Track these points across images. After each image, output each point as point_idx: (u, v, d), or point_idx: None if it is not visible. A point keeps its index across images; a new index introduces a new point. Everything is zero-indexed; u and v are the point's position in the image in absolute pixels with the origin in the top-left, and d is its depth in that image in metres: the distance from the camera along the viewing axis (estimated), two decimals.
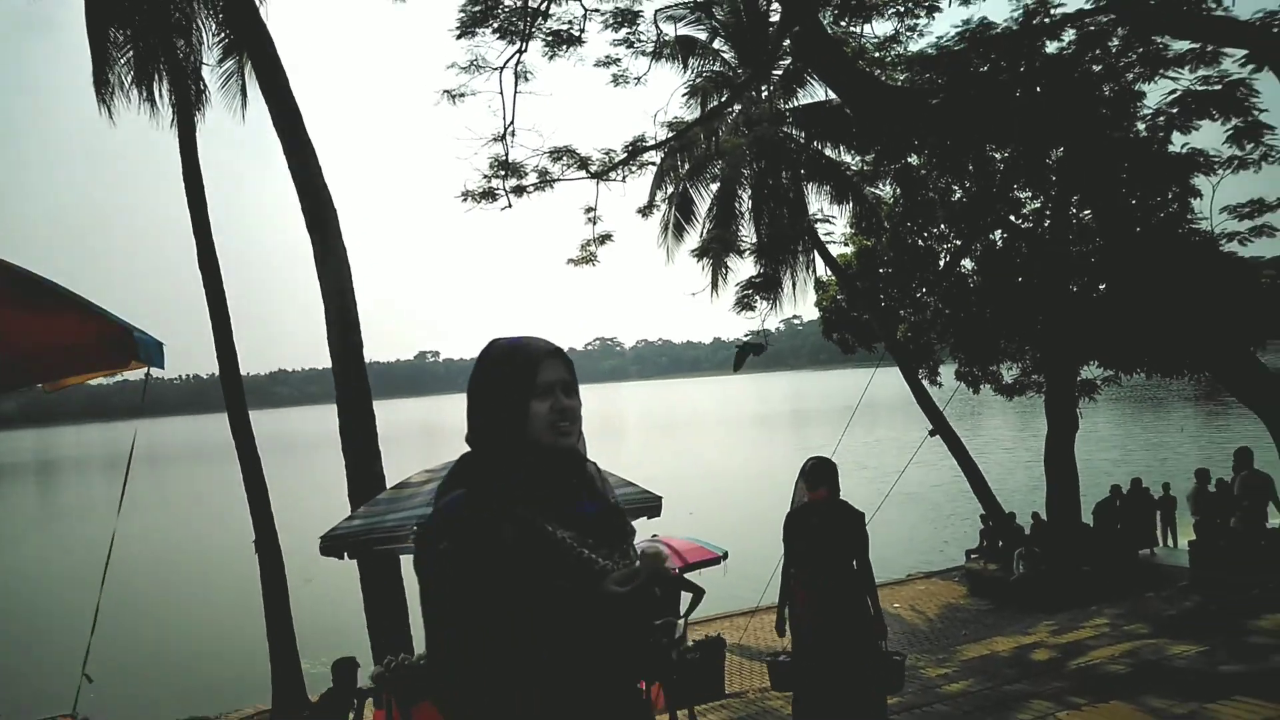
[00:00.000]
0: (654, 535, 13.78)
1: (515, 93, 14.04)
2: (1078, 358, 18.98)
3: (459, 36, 13.34)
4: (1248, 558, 13.50)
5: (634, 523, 2.70)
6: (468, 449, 2.21)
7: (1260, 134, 14.25)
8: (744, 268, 24.45)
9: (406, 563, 11.77)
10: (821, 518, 6.25)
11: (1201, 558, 14.49)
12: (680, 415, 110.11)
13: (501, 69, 13.77)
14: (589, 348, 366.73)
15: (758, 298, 18.26)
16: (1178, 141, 16.06)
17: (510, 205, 15.55)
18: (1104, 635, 9.62)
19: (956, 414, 59.78)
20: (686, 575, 12.93)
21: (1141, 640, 8.80)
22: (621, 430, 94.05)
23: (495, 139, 14.23)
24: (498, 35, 13.35)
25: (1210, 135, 16.52)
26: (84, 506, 53.85)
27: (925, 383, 22.56)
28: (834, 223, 20.36)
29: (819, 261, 21.54)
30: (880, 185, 22.13)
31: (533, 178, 17.38)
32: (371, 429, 13.29)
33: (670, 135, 15.95)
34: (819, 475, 6.32)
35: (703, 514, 33.97)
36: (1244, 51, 15.13)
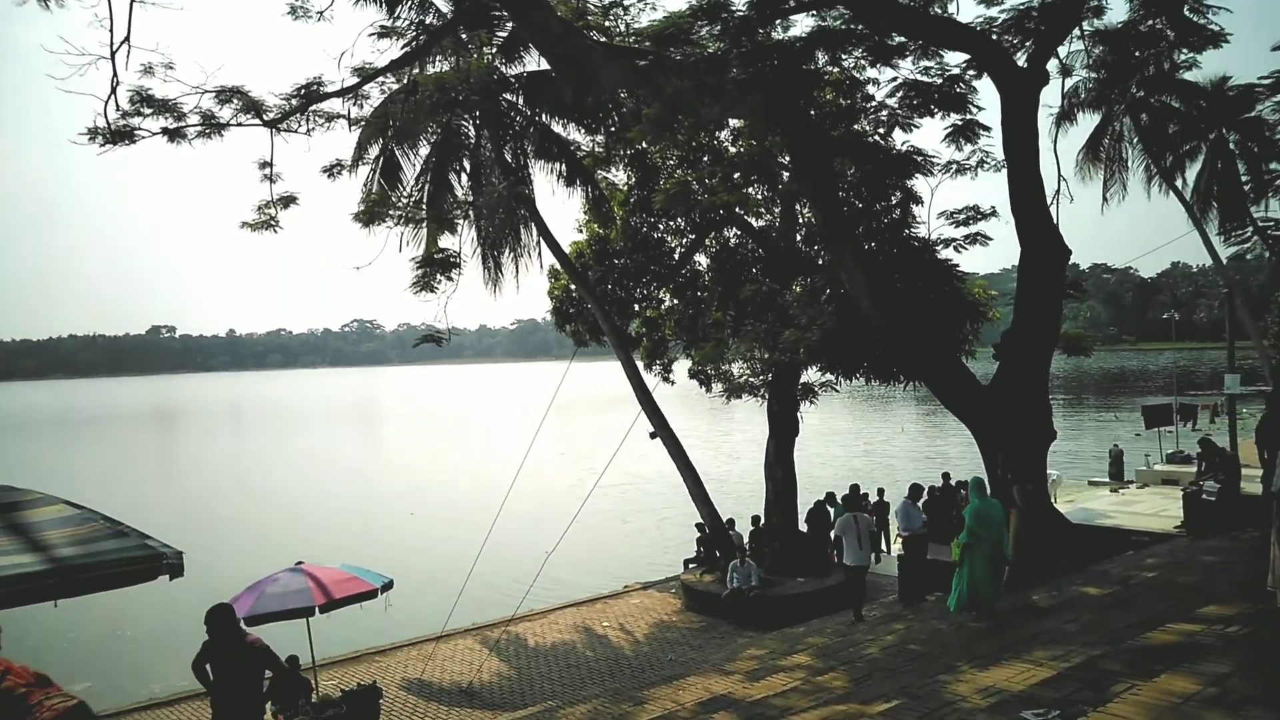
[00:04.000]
0: (299, 563, 11.36)
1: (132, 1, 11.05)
2: (801, 361, 18.36)
3: None
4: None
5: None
6: None
7: (977, 134, 13.87)
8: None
9: None
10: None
11: (908, 578, 14.06)
12: (425, 405, 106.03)
13: None
14: (345, 329, 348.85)
15: (440, 276, 16.03)
16: (899, 141, 15.66)
17: (127, 143, 12.46)
18: (797, 691, 8.33)
19: (708, 411, 60.57)
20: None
21: (834, 707, 7.52)
22: (364, 418, 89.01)
23: (102, 58, 11.13)
24: None
25: (930, 138, 16.23)
26: None
27: (658, 380, 21.42)
28: (530, 186, 18.47)
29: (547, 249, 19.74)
30: (613, 170, 20.71)
31: (194, 119, 14.40)
32: None
33: (357, 81, 13.47)
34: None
35: (423, 514, 31.53)
36: (965, 56, 14.85)
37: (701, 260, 21.21)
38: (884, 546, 19.89)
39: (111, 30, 11.14)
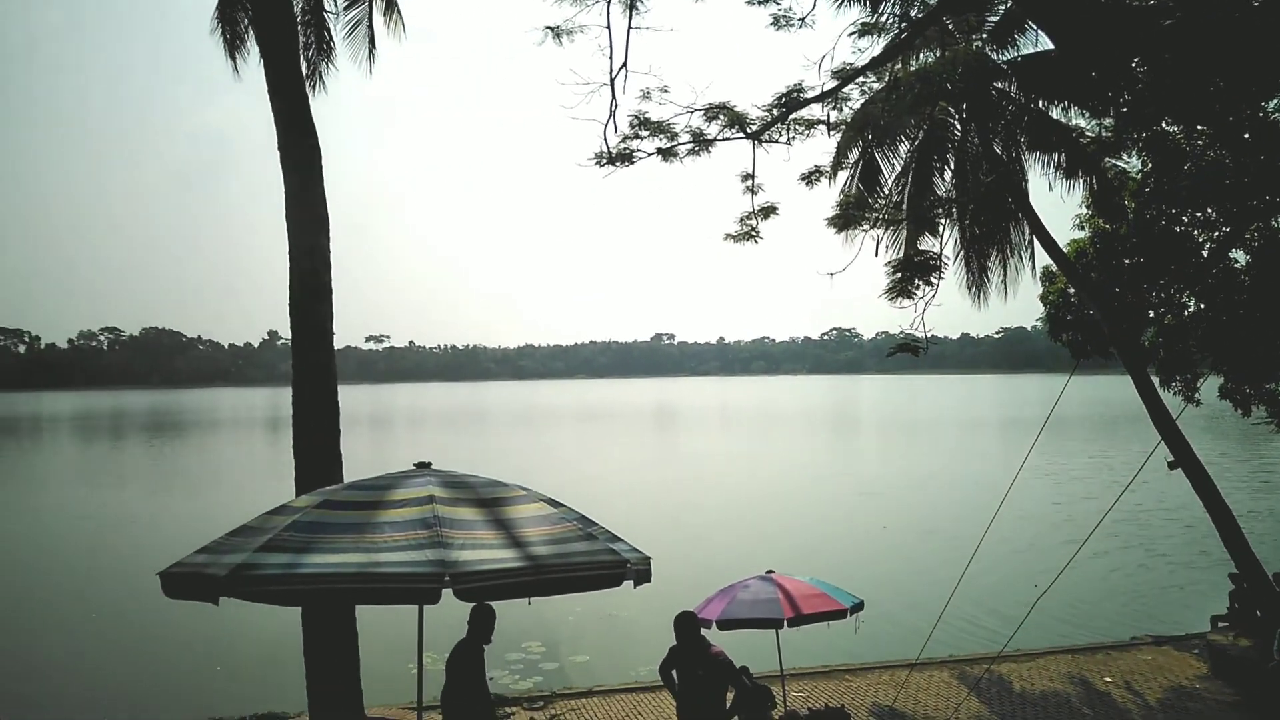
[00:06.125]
0: (769, 571, 11.27)
1: (629, 28, 11.86)
2: None
3: None
4: None
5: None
6: None
7: None
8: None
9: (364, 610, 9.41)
10: None
11: None
12: (901, 414, 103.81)
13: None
14: (825, 337, 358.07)
15: (918, 281, 14.89)
16: None
17: (623, 164, 13.41)
18: None
19: (1239, 439, 51.36)
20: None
21: None
22: (838, 425, 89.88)
23: (604, 84, 12.08)
24: None
25: None
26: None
27: (1179, 399, 18.29)
28: (1023, 179, 16.69)
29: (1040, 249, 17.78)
30: (1125, 157, 18.05)
31: (685, 138, 15.27)
32: (333, 415, 11.31)
33: (837, 84, 13.17)
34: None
35: (896, 529, 30.53)
36: None
37: (1239, 257, 17.71)
38: None
39: (610, 58, 12.10)
